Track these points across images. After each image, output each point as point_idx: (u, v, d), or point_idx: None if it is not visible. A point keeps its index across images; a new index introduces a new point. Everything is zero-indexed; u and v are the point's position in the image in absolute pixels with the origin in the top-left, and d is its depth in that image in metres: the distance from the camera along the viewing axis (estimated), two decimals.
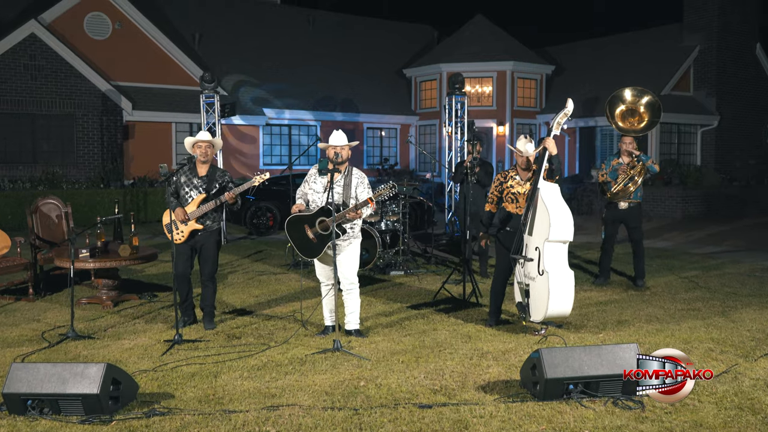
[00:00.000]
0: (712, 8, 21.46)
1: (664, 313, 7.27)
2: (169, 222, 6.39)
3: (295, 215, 6.22)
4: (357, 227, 6.22)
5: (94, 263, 7.33)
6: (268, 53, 23.42)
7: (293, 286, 8.74)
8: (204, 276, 6.63)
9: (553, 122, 6.35)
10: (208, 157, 6.58)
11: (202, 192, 6.47)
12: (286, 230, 6.28)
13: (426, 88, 24.74)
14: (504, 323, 6.76)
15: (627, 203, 8.59)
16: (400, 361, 5.54)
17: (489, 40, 24.34)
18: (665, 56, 22.15)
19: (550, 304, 5.92)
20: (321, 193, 6.15)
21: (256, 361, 5.56)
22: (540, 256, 6.09)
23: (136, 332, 6.53)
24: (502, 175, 6.65)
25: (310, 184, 6.28)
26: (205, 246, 6.55)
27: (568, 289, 6.05)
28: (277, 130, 22.20)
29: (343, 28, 26.51)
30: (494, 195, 6.66)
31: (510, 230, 6.57)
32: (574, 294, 6.10)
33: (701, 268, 10.09)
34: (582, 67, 24.19)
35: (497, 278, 6.72)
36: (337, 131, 6.26)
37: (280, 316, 7.14)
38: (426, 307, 7.53)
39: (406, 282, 9.00)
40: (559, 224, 6.01)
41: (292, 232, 6.23)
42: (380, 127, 24.37)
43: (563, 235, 6.06)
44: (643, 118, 8.88)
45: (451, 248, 12.04)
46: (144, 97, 19.22)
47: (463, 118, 13.39)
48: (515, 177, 6.57)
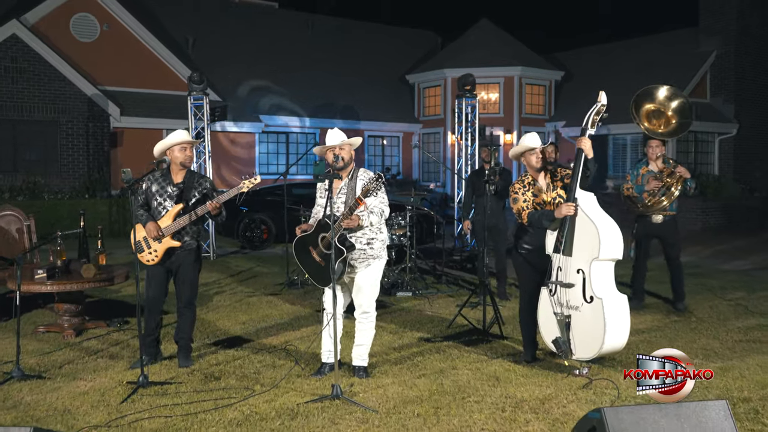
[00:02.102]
0: (729, 11, 20.49)
1: (721, 345, 6.19)
2: (138, 240, 5.32)
3: (299, 237, 5.18)
4: (378, 243, 5.15)
5: (52, 286, 6.24)
6: (265, 58, 22.41)
7: (286, 310, 7.65)
8: (181, 303, 5.54)
9: (587, 119, 5.30)
10: (192, 161, 5.52)
11: (178, 202, 5.41)
12: (295, 257, 5.26)
13: (430, 95, 23.75)
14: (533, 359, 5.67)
15: (662, 216, 7.53)
16: (415, 413, 4.45)
17: (495, 44, 23.38)
18: (680, 61, 21.16)
19: (607, 338, 4.84)
20: (324, 207, 5.10)
21: (235, 412, 4.48)
22: (586, 280, 5.02)
23: (97, 370, 5.45)
24: (520, 184, 5.52)
25: (317, 198, 5.27)
26: (182, 267, 5.47)
27: (623, 317, 4.99)
28: (274, 138, 21.17)
29: (342, 32, 25.51)
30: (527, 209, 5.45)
31: (531, 248, 5.49)
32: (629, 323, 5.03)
33: (743, 288, 9.02)
34: (591, 73, 23.20)
35: (525, 305, 5.64)
36: (332, 129, 5.21)
37: (270, 348, 6.05)
38: (441, 338, 6.44)
39: (414, 305, 7.92)
40: (608, 239, 4.96)
41: (301, 257, 5.22)
42: (382, 135, 23.35)
43: (613, 253, 5.00)
44: (669, 122, 7.78)
45: (461, 264, 10.97)
46: (133, 103, 18.17)
47: (474, 123, 12.35)
48: (535, 183, 5.49)
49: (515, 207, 5.45)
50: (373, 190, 4.78)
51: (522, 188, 5.47)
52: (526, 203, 5.41)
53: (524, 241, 5.53)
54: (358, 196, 4.83)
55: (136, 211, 5.24)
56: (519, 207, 5.42)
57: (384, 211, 5.08)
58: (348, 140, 5.13)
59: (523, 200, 5.43)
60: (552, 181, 5.44)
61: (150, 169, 5.34)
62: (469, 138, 12.47)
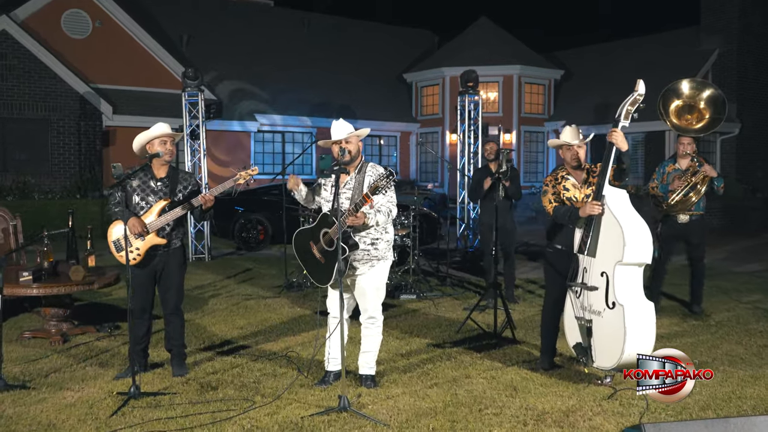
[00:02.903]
0: (731, 10, 20.21)
1: (746, 351, 5.88)
2: (116, 238, 4.95)
3: (301, 229, 4.86)
4: (383, 244, 4.80)
5: (38, 289, 5.88)
6: (261, 57, 22.00)
7: (285, 314, 7.30)
8: (168, 309, 5.18)
9: (621, 110, 4.96)
10: (173, 155, 5.15)
11: (163, 197, 5.05)
12: (294, 250, 4.93)
13: (428, 94, 23.40)
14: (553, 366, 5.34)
15: (688, 216, 7.21)
16: (429, 427, 4.10)
17: (494, 43, 23.04)
18: (681, 61, 20.86)
19: (627, 347, 4.49)
20: (330, 202, 4.76)
21: (235, 426, 4.13)
22: (609, 284, 4.68)
23: (85, 379, 5.08)
24: (553, 176, 5.23)
25: (321, 191, 4.91)
26: (166, 269, 5.10)
27: (647, 327, 4.65)
28: (269, 137, 20.79)
29: (339, 31, 25.14)
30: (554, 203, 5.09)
31: (562, 249, 5.17)
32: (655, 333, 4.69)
33: (759, 291, 8.74)
34: (591, 73, 22.88)
35: (549, 310, 5.31)
36: (337, 121, 4.85)
37: (270, 355, 5.70)
38: (451, 343, 6.10)
39: (420, 308, 7.58)
40: (635, 241, 4.61)
41: (301, 252, 4.88)
42: (379, 134, 22.98)
43: (641, 256, 4.65)
44: (703, 116, 7.44)
45: (464, 265, 10.64)
46: (126, 101, 17.76)
47: (477, 121, 12.01)
48: (568, 177, 5.16)
49: (544, 200, 5.13)
50: (382, 188, 4.42)
51: (553, 181, 5.16)
52: (555, 196, 5.08)
53: (556, 240, 5.20)
54: (366, 192, 4.48)
55: (115, 207, 4.86)
56: (547, 199, 5.10)
57: (392, 211, 4.75)
58: (355, 132, 4.79)
59: (552, 193, 5.10)
60: (588, 176, 5.11)
61: (142, 164, 4.98)
62: (471, 136, 12.12)
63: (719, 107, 7.33)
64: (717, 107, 7.33)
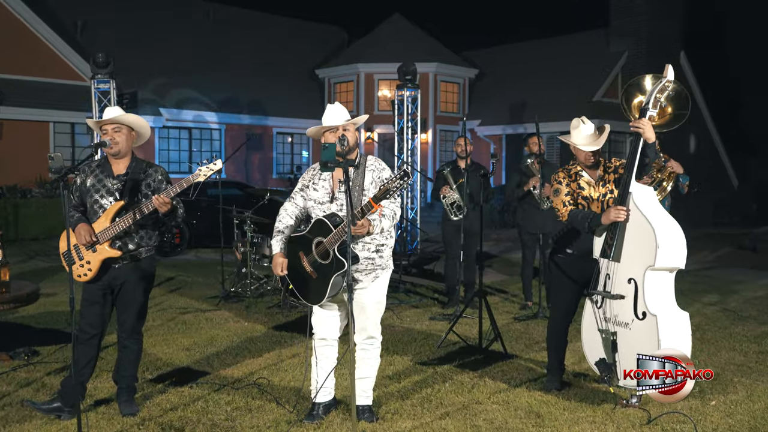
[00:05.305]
0: (639, 13, 20.73)
1: (746, 358, 5.54)
2: (67, 249, 3.97)
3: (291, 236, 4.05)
4: (387, 251, 4.07)
5: None
6: (163, 47, 20.50)
7: (233, 330, 6.40)
8: (124, 332, 4.23)
9: (649, 97, 4.46)
10: (121, 147, 4.18)
11: (119, 198, 4.11)
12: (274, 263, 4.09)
13: (341, 90, 22.72)
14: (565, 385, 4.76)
15: None
16: None
17: (409, 39, 22.64)
18: (594, 62, 21.24)
19: None
20: (328, 204, 3.96)
21: None
22: (638, 292, 4.14)
23: (8, 423, 4.04)
24: (565, 172, 4.63)
25: (310, 192, 4.08)
26: (125, 285, 4.15)
27: (684, 339, 4.13)
28: (175, 133, 19.45)
29: (244, 23, 23.81)
30: (569, 205, 4.50)
31: (575, 253, 4.60)
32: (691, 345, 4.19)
33: (713, 291, 8.59)
34: (506, 73, 22.90)
35: (556, 323, 4.73)
36: (332, 105, 4.08)
37: (233, 383, 4.81)
38: (437, 360, 5.42)
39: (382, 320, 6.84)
40: (668, 244, 4.09)
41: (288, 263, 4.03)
42: (291, 132, 22.04)
43: (674, 260, 4.13)
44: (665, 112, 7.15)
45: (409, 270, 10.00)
46: (15, 91, 16.05)
47: (416, 116, 11.42)
48: (583, 174, 4.59)
49: (556, 200, 4.52)
50: (393, 191, 3.66)
51: (567, 178, 4.55)
52: (570, 197, 4.49)
53: (567, 243, 4.61)
54: (373, 196, 3.71)
55: (67, 211, 3.89)
56: (560, 201, 4.49)
57: (396, 214, 4.02)
58: (353, 119, 4.02)
59: (566, 193, 4.50)
60: (604, 173, 4.56)
61: (88, 155, 4.00)
62: (409, 132, 11.51)
63: (682, 103, 7.05)
64: (679, 103, 7.04)
